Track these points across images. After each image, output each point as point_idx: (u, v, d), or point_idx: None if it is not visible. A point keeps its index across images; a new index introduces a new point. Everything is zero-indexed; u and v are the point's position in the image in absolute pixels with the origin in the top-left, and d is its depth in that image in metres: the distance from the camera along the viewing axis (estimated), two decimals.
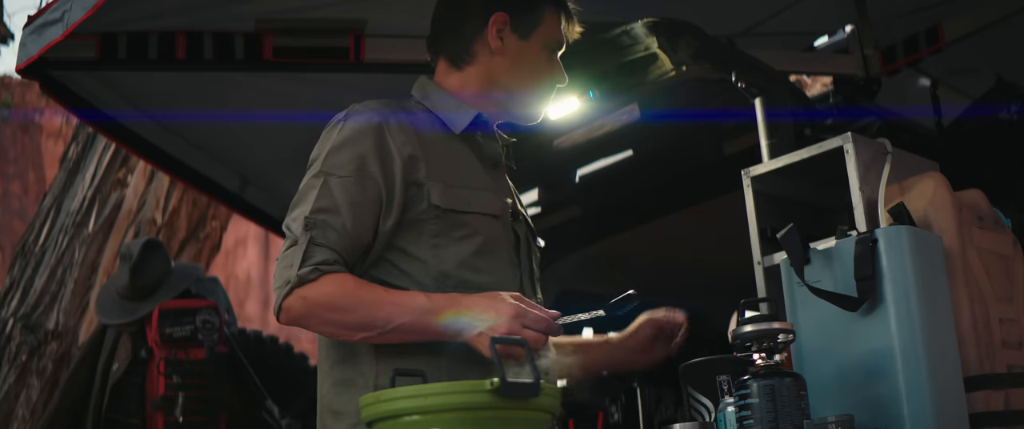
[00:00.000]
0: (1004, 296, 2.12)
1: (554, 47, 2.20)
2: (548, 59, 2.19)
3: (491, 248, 2.09)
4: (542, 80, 2.19)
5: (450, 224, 2.05)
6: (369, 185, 2.02)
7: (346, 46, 3.56)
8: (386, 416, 1.72)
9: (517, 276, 2.14)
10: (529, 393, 1.71)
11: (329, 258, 1.97)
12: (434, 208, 2.04)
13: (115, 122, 4.06)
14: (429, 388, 1.71)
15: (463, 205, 2.07)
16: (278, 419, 3.98)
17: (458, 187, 2.08)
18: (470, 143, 2.17)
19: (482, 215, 2.09)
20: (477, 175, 2.14)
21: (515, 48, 2.17)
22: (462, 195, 2.07)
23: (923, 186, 2.16)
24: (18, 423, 5.22)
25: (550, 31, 2.18)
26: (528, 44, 2.17)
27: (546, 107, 2.24)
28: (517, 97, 2.19)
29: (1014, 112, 3.59)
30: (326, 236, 1.98)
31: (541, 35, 2.18)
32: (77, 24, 2.99)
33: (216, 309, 3.99)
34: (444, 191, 2.05)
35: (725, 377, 2.12)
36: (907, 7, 3.83)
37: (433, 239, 2.05)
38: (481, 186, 2.13)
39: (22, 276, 5.68)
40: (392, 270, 2.06)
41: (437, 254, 2.05)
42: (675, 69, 3.13)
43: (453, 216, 2.06)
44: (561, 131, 3.64)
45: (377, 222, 2.02)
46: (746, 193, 2.56)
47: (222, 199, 4.62)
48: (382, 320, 1.96)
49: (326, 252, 1.97)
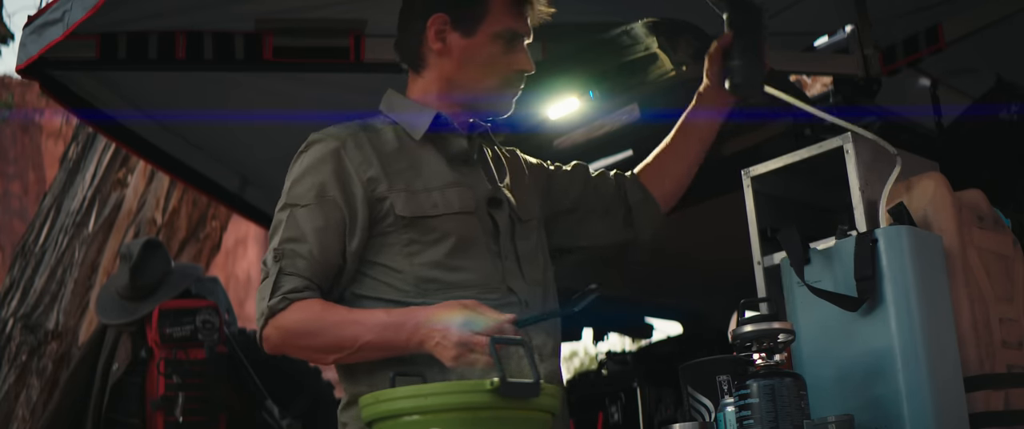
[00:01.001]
0: (1004, 296, 2.12)
1: (509, 36, 2.15)
2: (503, 50, 2.15)
3: (466, 245, 2.11)
4: (497, 74, 2.16)
5: (420, 230, 2.09)
6: (331, 210, 2.08)
7: (346, 46, 3.56)
8: (386, 416, 1.72)
9: (499, 265, 2.14)
10: (529, 393, 1.71)
11: (298, 285, 2.04)
12: (400, 219, 2.09)
13: (115, 122, 4.06)
14: (429, 388, 1.72)
15: (429, 210, 2.10)
16: (278, 419, 3.98)
17: (422, 192, 2.11)
18: (437, 144, 2.18)
19: (451, 215, 2.11)
20: (443, 175, 2.15)
21: (460, 46, 2.16)
22: (427, 200, 2.10)
23: (923, 186, 2.16)
24: (18, 423, 5.22)
25: (499, 21, 2.14)
26: (474, 40, 2.15)
27: (512, 97, 2.20)
28: (476, 95, 2.18)
29: (1014, 112, 3.59)
30: (295, 265, 2.05)
31: (489, 27, 2.14)
32: (77, 24, 2.99)
33: (216, 309, 3.99)
34: (407, 200, 2.09)
35: (725, 377, 2.12)
36: (907, 7, 3.83)
37: (406, 248, 2.09)
38: (448, 185, 2.14)
39: (22, 276, 5.67)
40: (375, 284, 2.10)
41: (412, 261, 2.09)
42: (675, 69, 3.13)
43: (421, 222, 2.09)
44: (561, 131, 3.63)
45: (344, 244, 2.08)
46: (746, 193, 2.56)
47: (222, 199, 4.62)
48: (349, 340, 2.01)
49: (295, 280, 2.04)
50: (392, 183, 2.11)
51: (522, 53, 2.18)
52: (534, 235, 2.26)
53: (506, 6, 2.15)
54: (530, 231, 2.25)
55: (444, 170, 2.17)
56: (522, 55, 2.17)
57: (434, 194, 2.12)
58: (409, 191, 2.11)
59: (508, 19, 2.15)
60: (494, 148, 2.33)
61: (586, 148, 3.65)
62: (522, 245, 2.21)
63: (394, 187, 2.10)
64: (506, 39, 2.15)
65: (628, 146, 3.77)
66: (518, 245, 2.20)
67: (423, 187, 2.13)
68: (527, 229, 2.25)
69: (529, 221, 2.25)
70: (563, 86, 3.41)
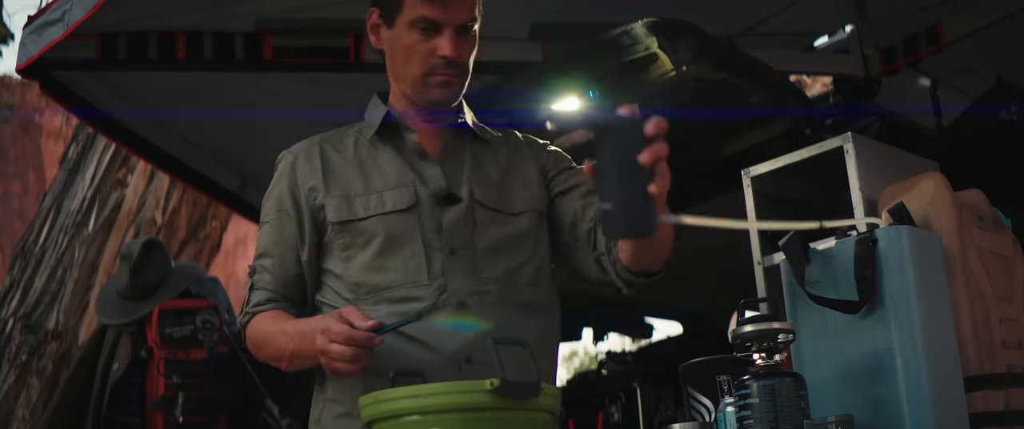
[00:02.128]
0: (1004, 296, 2.12)
1: (421, 24, 2.14)
2: (419, 38, 2.15)
3: (395, 244, 2.13)
4: (418, 61, 2.16)
5: (352, 234, 2.15)
6: (286, 223, 2.19)
7: (346, 46, 3.57)
8: (386, 416, 1.72)
9: (438, 260, 2.12)
10: (529, 393, 1.71)
11: (261, 299, 2.18)
12: (333, 225, 2.16)
13: (115, 122, 4.07)
14: (429, 388, 1.71)
15: (359, 212, 2.15)
16: (278, 419, 3.98)
17: (357, 197, 2.16)
18: (394, 143, 2.22)
19: (380, 215, 2.14)
20: (391, 174, 2.18)
21: (388, 38, 2.20)
22: (360, 203, 2.15)
23: (923, 186, 2.16)
24: (18, 423, 5.22)
25: (412, 9, 2.15)
26: (395, 31, 2.17)
27: (441, 85, 2.17)
28: (408, 85, 2.20)
29: (1014, 112, 3.59)
30: (261, 279, 2.20)
31: (404, 17, 2.16)
32: (77, 24, 2.99)
33: (216, 309, 3.99)
34: (338, 206, 2.16)
35: (725, 377, 2.12)
36: (907, 7, 3.83)
37: (343, 253, 2.15)
38: (389, 187, 2.16)
39: (22, 276, 5.68)
40: (328, 291, 2.18)
41: (347, 266, 2.15)
42: (675, 69, 3.13)
43: (351, 226, 2.15)
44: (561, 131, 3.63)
45: (298, 255, 2.19)
46: (746, 193, 2.56)
47: (222, 199, 4.63)
48: (281, 350, 2.12)
49: (260, 294, 2.19)
50: (329, 190, 2.17)
51: (443, 39, 2.15)
52: (510, 227, 2.20)
53: None
54: (505, 223, 2.20)
55: (397, 168, 2.19)
56: (442, 40, 2.15)
57: (371, 197, 2.16)
58: (344, 196, 2.16)
59: (418, 7, 2.15)
60: (487, 138, 2.30)
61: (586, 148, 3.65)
62: (485, 239, 2.17)
63: (331, 194, 2.17)
64: (421, 28, 2.15)
65: None
66: (478, 239, 2.17)
67: (362, 191, 2.17)
68: (499, 221, 2.20)
69: (505, 213, 2.21)
70: (563, 86, 3.41)
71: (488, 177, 2.22)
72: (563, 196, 2.27)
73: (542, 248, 2.24)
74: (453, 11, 2.14)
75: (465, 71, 2.19)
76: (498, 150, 2.29)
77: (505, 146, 2.31)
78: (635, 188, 1.69)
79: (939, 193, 2.13)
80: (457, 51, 2.15)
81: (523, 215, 2.22)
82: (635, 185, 1.69)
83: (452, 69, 2.16)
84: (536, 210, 2.24)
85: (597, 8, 3.42)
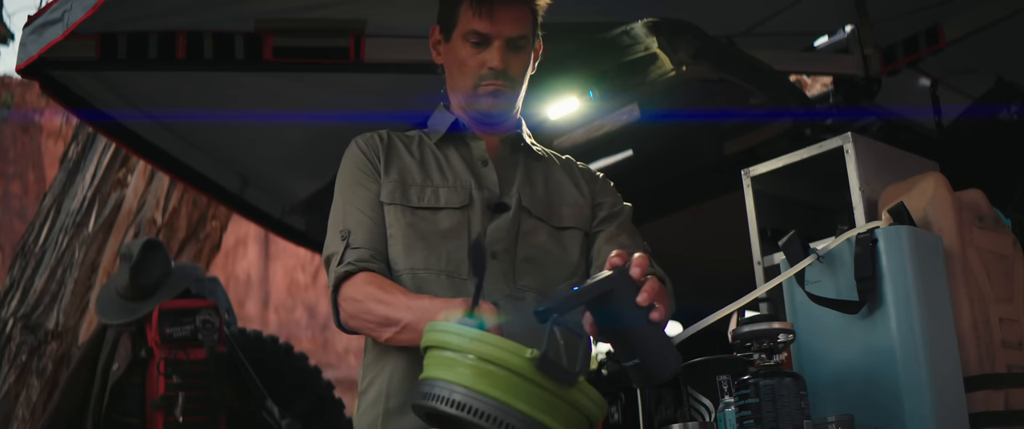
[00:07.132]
0: (1004, 296, 2.12)
1: (473, 37, 2.25)
2: (472, 51, 2.26)
3: (442, 237, 2.19)
4: (470, 73, 2.26)
5: (406, 217, 2.21)
6: (367, 188, 2.25)
7: (346, 46, 3.57)
8: (435, 346, 1.77)
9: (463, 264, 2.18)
10: (564, 379, 1.69)
11: (363, 255, 2.17)
12: (384, 206, 2.22)
13: (115, 122, 4.06)
14: (476, 333, 1.73)
15: (413, 201, 2.22)
16: (278, 419, 3.98)
17: (412, 185, 2.24)
18: (459, 148, 2.30)
19: (434, 210, 2.21)
20: (449, 174, 2.26)
21: (446, 52, 2.31)
22: (412, 192, 2.23)
23: (923, 186, 2.16)
24: (18, 423, 5.22)
25: (465, 24, 2.26)
26: (452, 45, 2.29)
27: (491, 95, 2.27)
28: (461, 96, 2.30)
29: (1014, 112, 3.60)
30: (356, 237, 2.20)
31: (458, 31, 2.27)
32: (77, 24, 2.99)
33: (216, 309, 3.99)
34: (392, 190, 2.23)
35: (725, 377, 2.12)
36: (907, 7, 3.84)
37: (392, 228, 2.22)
38: (448, 184, 2.24)
39: (22, 276, 5.67)
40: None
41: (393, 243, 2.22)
42: (675, 69, 3.13)
43: (403, 210, 2.22)
44: (561, 131, 3.64)
45: (383, 215, 2.23)
46: (746, 193, 2.56)
47: (222, 199, 4.63)
48: (397, 320, 2.09)
49: (358, 252, 2.18)
50: (388, 174, 2.25)
51: (492, 51, 2.26)
52: (554, 240, 2.27)
53: (471, 10, 2.27)
54: (549, 235, 2.27)
55: (459, 170, 2.27)
56: (491, 52, 2.26)
57: (426, 190, 2.24)
58: (401, 182, 2.24)
59: (469, 21, 2.26)
60: (542, 155, 2.38)
61: (586, 148, 3.66)
62: (525, 249, 2.23)
63: (389, 177, 2.24)
64: (472, 41, 2.26)
65: (628, 146, 3.78)
66: (519, 248, 2.22)
67: (420, 182, 2.25)
68: (544, 231, 2.27)
69: (551, 224, 2.28)
70: (563, 86, 3.41)
71: (536, 188, 2.30)
72: (599, 234, 2.33)
73: (582, 270, 2.29)
74: (502, 25, 2.24)
75: (516, 83, 2.28)
76: (550, 166, 2.37)
77: (557, 165, 2.39)
78: (653, 338, 1.76)
79: (939, 193, 2.13)
80: (505, 63, 2.25)
81: (570, 231, 2.29)
82: (651, 335, 1.76)
83: (500, 80, 2.26)
84: (582, 229, 2.30)
85: (597, 8, 3.42)
